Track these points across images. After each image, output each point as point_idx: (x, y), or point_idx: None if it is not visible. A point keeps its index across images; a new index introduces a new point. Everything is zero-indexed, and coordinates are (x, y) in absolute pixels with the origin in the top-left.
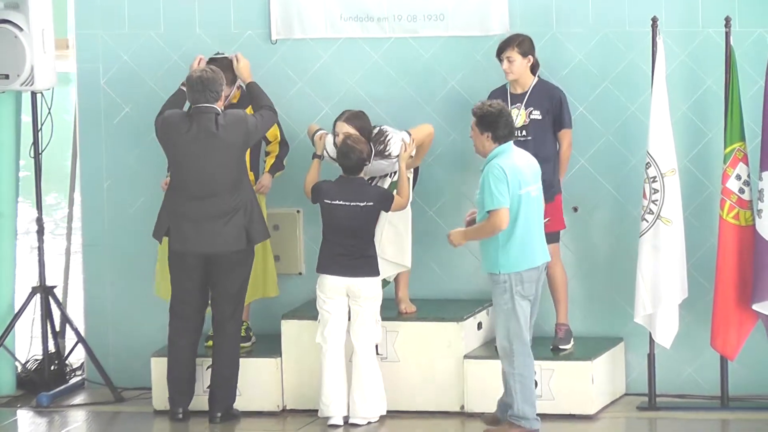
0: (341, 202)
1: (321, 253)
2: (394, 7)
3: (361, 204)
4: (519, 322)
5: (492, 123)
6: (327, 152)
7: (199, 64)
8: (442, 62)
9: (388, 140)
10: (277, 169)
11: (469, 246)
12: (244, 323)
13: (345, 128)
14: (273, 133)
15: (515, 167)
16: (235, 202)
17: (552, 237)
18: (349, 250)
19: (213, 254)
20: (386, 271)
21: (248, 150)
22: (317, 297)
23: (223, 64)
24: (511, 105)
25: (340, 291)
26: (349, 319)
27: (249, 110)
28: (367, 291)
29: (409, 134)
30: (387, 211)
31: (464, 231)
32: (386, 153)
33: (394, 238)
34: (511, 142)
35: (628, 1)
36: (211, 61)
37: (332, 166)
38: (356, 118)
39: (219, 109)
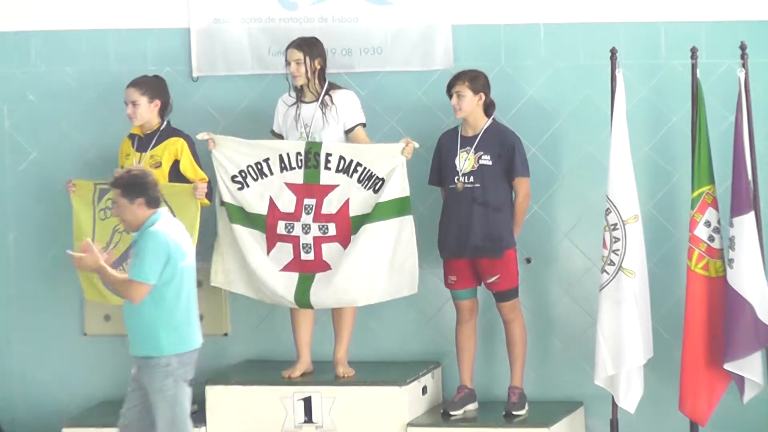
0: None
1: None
2: (327, 40)
3: None
4: (184, 408)
5: (142, 186)
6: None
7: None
8: (381, 100)
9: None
10: (209, 195)
11: (412, 302)
12: None
13: (296, 55)
14: (194, 172)
15: (175, 238)
16: None
17: (506, 295)
18: None
19: None
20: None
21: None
22: None
23: (149, 80)
24: (461, 148)
25: None
26: None
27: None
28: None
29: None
30: None
31: (105, 267)
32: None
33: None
34: (165, 209)
35: (583, 31)
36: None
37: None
38: (306, 43)
39: None
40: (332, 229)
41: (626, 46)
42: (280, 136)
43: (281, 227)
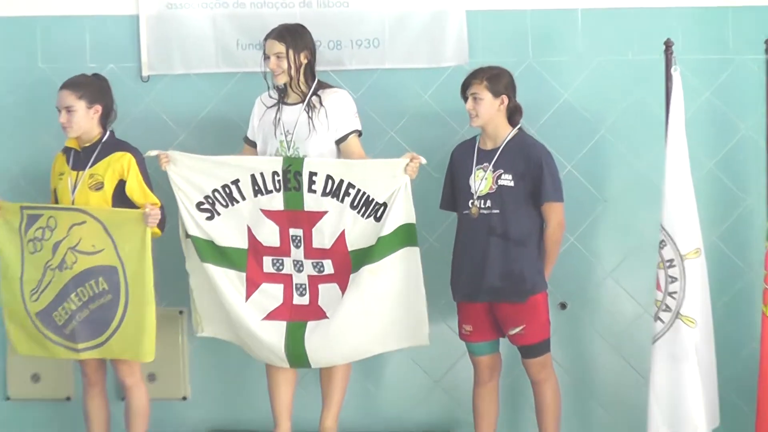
0: None
1: None
2: (311, 31)
3: None
4: None
5: None
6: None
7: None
8: (378, 105)
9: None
10: (161, 224)
11: (418, 357)
12: None
13: (277, 47)
14: (143, 196)
15: None
16: None
17: (534, 349)
18: None
19: None
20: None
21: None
22: None
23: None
24: (477, 165)
25: None
26: None
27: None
28: None
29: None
30: None
31: None
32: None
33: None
34: None
35: (632, 19)
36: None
37: None
38: (290, 32)
39: None
40: (328, 266)
41: (685, 37)
42: (254, 145)
43: (268, 264)
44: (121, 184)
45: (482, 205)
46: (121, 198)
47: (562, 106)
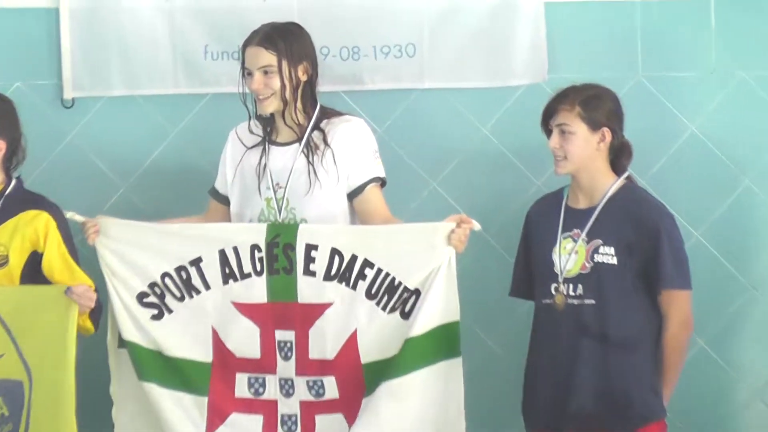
0: None
1: None
2: (315, 34)
3: None
4: None
5: None
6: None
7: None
8: (413, 141)
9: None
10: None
11: None
12: None
13: (263, 58)
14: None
15: None
16: None
17: None
18: None
19: None
20: None
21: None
22: None
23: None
24: (564, 231)
25: None
26: None
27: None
28: None
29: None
30: None
31: None
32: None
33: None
34: None
35: None
36: None
37: None
38: (282, 35)
39: None
40: (331, 387)
41: None
42: (227, 203)
43: (242, 385)
44: (35, 258)
45: (571, 292)
46: (33, 277)
47: (686, 144)
